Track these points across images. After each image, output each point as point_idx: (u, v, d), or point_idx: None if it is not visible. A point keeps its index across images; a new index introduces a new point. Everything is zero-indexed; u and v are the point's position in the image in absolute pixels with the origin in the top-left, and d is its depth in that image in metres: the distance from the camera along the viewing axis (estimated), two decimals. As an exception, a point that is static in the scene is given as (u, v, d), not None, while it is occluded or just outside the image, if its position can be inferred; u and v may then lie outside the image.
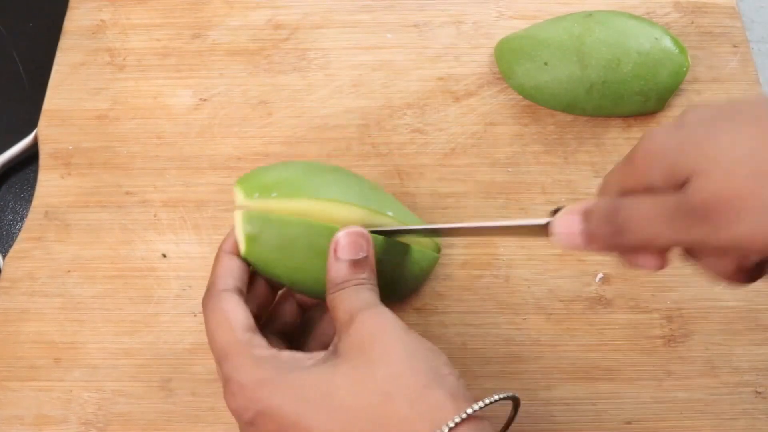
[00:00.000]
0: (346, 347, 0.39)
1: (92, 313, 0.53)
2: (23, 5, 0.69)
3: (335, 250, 0.42)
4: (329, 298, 0.42)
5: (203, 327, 0.51)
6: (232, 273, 0.44)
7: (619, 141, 0.58)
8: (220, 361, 0.41)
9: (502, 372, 0.51)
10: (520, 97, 0.59)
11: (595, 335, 0.51)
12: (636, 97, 0.56)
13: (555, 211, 0.38)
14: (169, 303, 0.53)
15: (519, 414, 0.40)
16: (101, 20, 0.64)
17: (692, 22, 0.62)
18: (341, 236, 0.42)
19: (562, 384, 0.50)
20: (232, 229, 0.45)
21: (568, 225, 0.37)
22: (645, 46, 0.55)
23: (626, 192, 0.36)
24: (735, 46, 0.61)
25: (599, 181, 0.55)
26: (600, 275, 0.53)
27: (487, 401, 0.36)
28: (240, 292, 0.43)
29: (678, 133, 0.34)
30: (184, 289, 0.53)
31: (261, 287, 0.47)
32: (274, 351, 0.40)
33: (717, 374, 0.50)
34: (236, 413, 0.39)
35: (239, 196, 0.45)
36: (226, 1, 0.65)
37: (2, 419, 0.50)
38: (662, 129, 0.35)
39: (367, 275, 0.42)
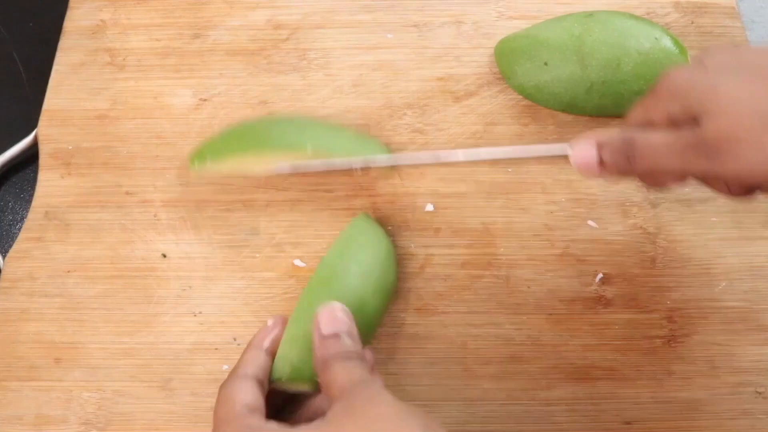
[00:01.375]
0: (339, 413, 0.38)
1: (92, 313, 0.53)
2: (23, 5, 0.69)
3: (318, 328, 0.42)
4: (321, 377, 0.41)
5: (203, 327, 0.52)
6: (256, 363, 0.44)
7: (619, 141, 0.58)
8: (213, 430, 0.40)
9: (503, 372, 0.51)
10: (520, 97, 0.59)
11: (595, 335, 0.51)
12: (636, 97, 0.56)
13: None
14: (169, 303, 0.53)
15: (519, 414, 0.40)
16: (101, 20, 0.64)
17: (692, 22, 0.62)
18: (319, 313, 0.43)
19: (562, 384, 0.50)
20: (266, 326, 0.46)
21: (584, 153, 0.42)
22: (645, 46, 0.55)
23: (648, 123, 0.41)
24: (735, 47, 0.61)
25: (599, 181, 0.56)
26: (600, 275, 0.53)
27: None
28: (259, 381, 0.42)
29: (697, 73, 0.40)
30: (184, 289, 0.53)
31: None
32: (267, 423, 0.39)
33: (717, 374, 0.50)
34: None
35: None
36: (226, 1, 0.65)
37: (2, 419, 0.50)
38: (684, 68, 0.41)
39: (352, 345, 0.42)
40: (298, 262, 0.54)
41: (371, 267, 0.49)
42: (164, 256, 0.55)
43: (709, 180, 0.43)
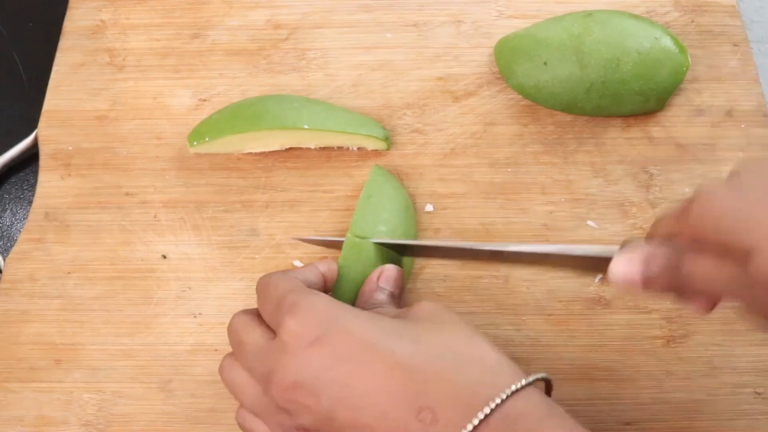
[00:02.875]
0: (413, 317, 0.41)
1: (92, 315, 0.53)
2: (23, 5, 0.69)
3: (379, 277, 0.48)
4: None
5: (203, 328, 0.52)
6: (306, 273, 0.45)
7: (618, 141, 0.58)
8: (281, 297, 0.40)
9: (502, 373, 0.51)
10: (520, 96, 0.59)
11: (595, 336, 0.51)
12: (636, 97, 0.56)
13: (622, 246, 0.40)
14: (169, 304, 0.53)
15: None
16: (101, 20, 0.64)
17: (692, 21, 0.62)
18: (388, 268, 0.48)
19: (561, 385, 0.50)
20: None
21: (628, 270, 0.39)
22: (645, 45, 0.55)
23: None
24: (735, 45, 0.61)
25: (599, 180, 0.56)
26: (599, 276, 0.53)
27: (537, 376, 0.38)
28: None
29: (736, 199, 0.35)
30: (183, 290, 0.53)
31: None
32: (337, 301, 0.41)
33: (717, 375, 0.50)
34: (298, 335, 0.38)
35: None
36: (225, 1, 0.65)
37: (2, 420, 0.50)
38: (719, 192, 0.36)
39: (395, 306, 0.47)
40: (297, 263, 0.54)
41: (396, 226, 0.52)
42: (164, 257, 0.55)
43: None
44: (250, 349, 0.40)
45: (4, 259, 0.55)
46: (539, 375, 0.38)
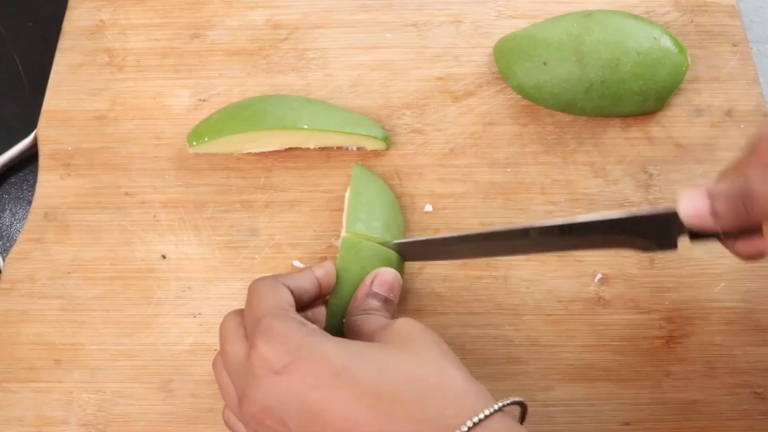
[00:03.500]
0: (385, 339, 0.41)
1: (92, 315, 0.53)
2: (23, 5, 0.69)
3: (372, 282, 0.47)
4: (353, 319, 0.45)
5: (203, 328, 0.52)
6: (300, 280, 0.45)
7: (618, 141, 0.58)
8: (259, 317, 0.40)
9: (501, 373, 0.51)
10: (519, 96, 0.59)
11: (594, 336, 0.51)
12: (635, 97, 0.56)
13: None
14: (168, 304, 0.53)
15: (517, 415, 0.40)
16: (100, 20, 0.64)
17: (692, 21, 0.62)
18: (383, 272, 0.48)
19: (560, 385, 0.50)
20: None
21: (695, 205, 0.39)
22: (644, 45, 0.55)
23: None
24: (734, 45, 0.61)
25: (598, 180, 0.56)
26: (599, 276, 0.53)
27: (509, 400, 0.38)
28: (295, 295, 0.44)
29: None
30: (183, 291, 0.53)
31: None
32: (313, 325, 0.41)
33: (716, 375, 0.50)
34: (266, 361, 0.38)
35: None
36: (224, 1, 0.65)
37: (2, 420, 0.50)
38: None
39: (391, 313, 0.47)
40: (297, 263, 0.54)
41: (389, 220, 0.52)
42: (164, 257, 0.55)
43: None
44: (231, 360, 0.41)
45: (4, 259, 0.55)
46: (509, 400, 0.37)
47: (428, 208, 0.56)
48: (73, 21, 0.64)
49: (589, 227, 0.44)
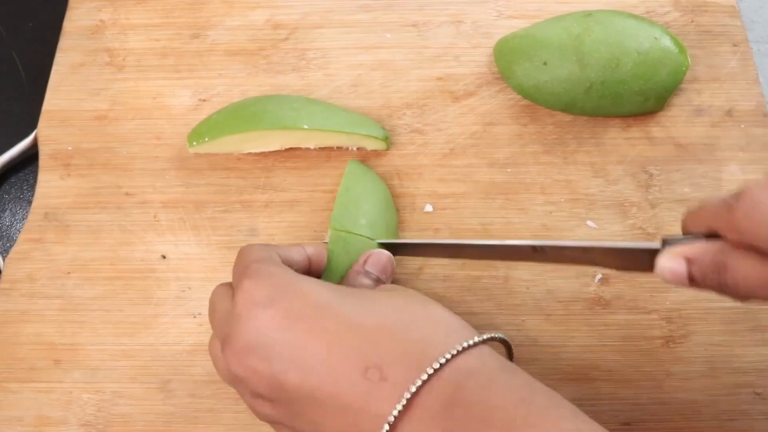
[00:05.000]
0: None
1: (92, 315, 0.53)
2: (23, 5, 0.69)
3: (365, 261, 0.48)
4: None
5: (203, 328, 0.52)
6: (291, 251, 0.46)
7: (618, 141, 0.58)
8: (248, 264, 0.40)
9: (501, 373, 0.51)
10: (519, 96, 0.59)
11: (594, 336, 0.51)
12: (635, 97, 0.56)
13: (665, 242, 0.40)
14: (168, 304, 0.53)
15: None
16: (100, 20, 0.64)
17: (692, 21, 0.62)
18: (377, 252, 0.48)
19: (560, 385, 0.50)
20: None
21: (674, 265, 0.39)
22: (644, 45, 0.55)
23: (718, 232, 0.38)
24: (735, 45, 0.61)
25: (599, 180, 0.56)
26: (599, 276, 0.53)
27: (495, 335, 0.39)
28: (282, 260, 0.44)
29: None
30: (183, 291, 0.53)
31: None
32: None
33: (716, 375, 0.50)
34: (250, 296, 0.38)
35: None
36: (225, 1, 0.65)
37: (2, 420, 0.50)
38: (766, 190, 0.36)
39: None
40: (297, 263, 0.54)
41: (377, 218, 0.52)
42: (163, 257, 0.55)
43: None
44: (218, 316, 0.41)
45: (4, 259, 0.55)
46: (494, 334, 0.38)
47: (428, 208, 0.56)
48: (74, 21, 0.64)
49: (562, 249, 0.45)
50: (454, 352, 0.35)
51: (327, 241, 0.51)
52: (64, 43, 0.63)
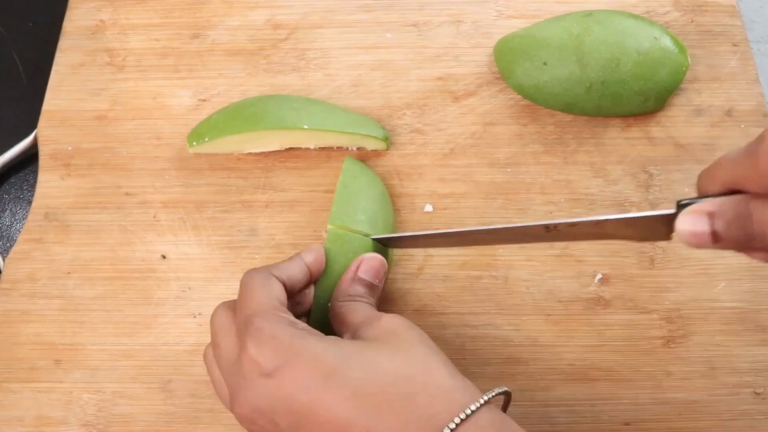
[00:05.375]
0: (371, 336, 0.41)
1: (92, 315, 0.53)
2: (23, 5, 0.69)
3: (357, 267, 0.48)
4: (338, 305, 0.46)
5: (203, 328, 0.52)
6: (291, 269, 0.46)
7: (618, 141, 0.58)
8: (250, 317, 0.40)
9: (501, 373, 0.51)
10: (520, 96, 0.59)
11: (594, 336, 0.51)
12: (635, 97, 0.56)
13: (680, 205, 0.39)
14: (168, 304, 0.53)
15: (517, 415, 0.40)
16: (100, 20, 0.64)
17: (692, 21, 0.62)
18: (368, 257, 0.48)
19: (560, 385, 0.50)
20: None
21: (695, 225, 0.37)
22: (644, 45, 0.55)
23: (739, 186, 0.37)
24: (735, 45, 0.61)
25: (599, 180, 0.56)
26: (599, 276, 0.53)
27: (495, 392, 0.38)
28: (287, 285, 0.45)
29: None
30: (183, 291, 0.53)
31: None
32: (303, 324, 0.41)
33: (716, 375, 0.50)
34: (256, 363, 0.38)
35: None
36: (225, 1, 0.65)
37: (2, 420, 0.50)
38: None
39: (375, 299, 0.47)
40: (297, 263, 0.54)
41: (375, 213, 0.52)
42: (164, 257, 0.55)
43: None
44: (222, 356, 0.41)
45: (4, 260, 0.55)
46: (492, 393, 0.38)
47: (428, 208, 0.56)
48: (74, 21, 0.64)
49: (575, 225, 0.44)
50: (452, 426, 0.36)
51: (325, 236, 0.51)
52: (64, 43, 0.63)
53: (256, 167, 0.57)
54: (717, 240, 0.37)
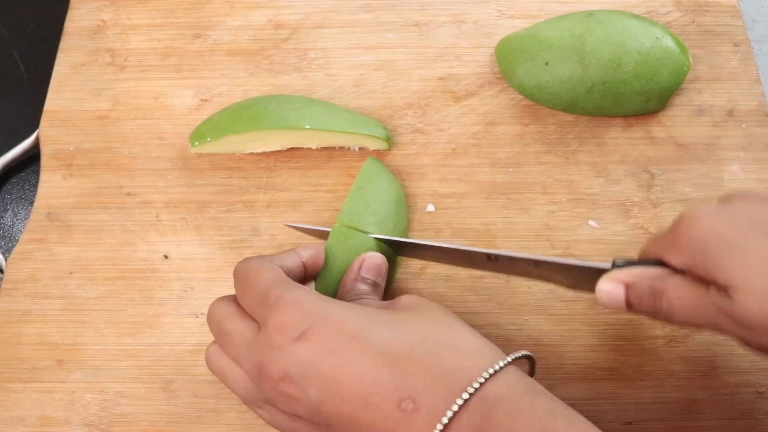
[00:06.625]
0: (395, 308, 0.42)
1: (94, 315, 0.53)
2: (24, 5, 0.69)
3: (360, 267, 0.48)
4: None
5: (205, 328, 0.52)
6: (286, 260, 0.46)
7: (620, 141, 0.58)
8: (265, 290, 0.40)
9: (503, 373, 0.51)
10: (521, 96, 0.59)
11: (597, 335, 0.51)
12: (637, 97, 0.56)
13: (615, 264, 0.42)
14: (170, 304, 0.53)
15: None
16: (102, 20, 0.64)
17: (693, 21, 0.62)
18: (370, 256, 0.49)
19: (563, 384, 0.50)
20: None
21: (612, 291, 0.41)
22: (646, 45, 0.55)
23: (665, 260, 0.40)
24: (736, 45, 0.61)
25: (600, 180, 0.56)
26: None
27: (521, 353, 0.39)
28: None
29: (723, 226, 0.37)
30: (185, 291, 0.53)
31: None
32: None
33: (717, 374, 0.50)
34: (284, 330, 0.38)
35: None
36: (226, 1, 0.65)
37: (4, 421, 0.50)
38: (708, 216, 0.37)
39: (379, 297, 0.48)
40: (299, 263, 0.54)
41: (386, 217, 0.52)
42: (166, 257, 0.55)
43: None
44: (235, 340, 0.41)
45: (6, 260, 0.55)
46: (518, 353, 0.39)
47: (430, 208, 0.56)
48: (75, 21, 0.64)
49: (514, 260, 0.47)
50: (482, 380, 0.36)
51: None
52: (65, 43, 0.63)
53: (258, 167, 0.57)
54: (630, 308, 0.41)
